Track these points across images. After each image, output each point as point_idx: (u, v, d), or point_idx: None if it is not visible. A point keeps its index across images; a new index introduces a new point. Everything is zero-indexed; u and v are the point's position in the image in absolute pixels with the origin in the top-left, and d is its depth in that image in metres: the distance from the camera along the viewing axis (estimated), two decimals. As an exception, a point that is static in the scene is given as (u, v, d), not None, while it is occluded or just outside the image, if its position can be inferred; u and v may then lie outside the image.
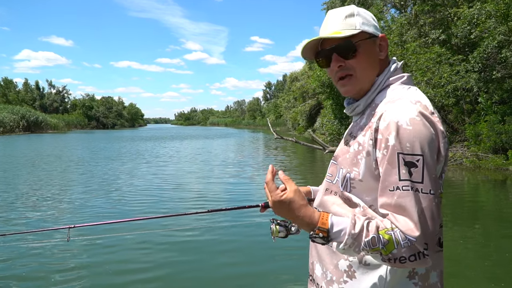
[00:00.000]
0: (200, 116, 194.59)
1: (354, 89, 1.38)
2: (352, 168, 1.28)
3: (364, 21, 1.36)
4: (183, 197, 9.98)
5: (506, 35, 14.14)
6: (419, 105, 1.21)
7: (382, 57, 1.37)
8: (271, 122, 30.25)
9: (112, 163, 17.94)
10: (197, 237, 6.33)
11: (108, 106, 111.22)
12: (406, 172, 1.14)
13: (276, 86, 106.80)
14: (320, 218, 1.22)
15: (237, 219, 6.95)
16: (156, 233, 6.12)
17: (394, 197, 1.14)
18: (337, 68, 1.37)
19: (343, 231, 1.17)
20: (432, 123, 1.18)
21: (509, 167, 12.46)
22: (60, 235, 5.31)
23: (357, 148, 1.28)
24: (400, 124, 1.16)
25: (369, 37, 1.35)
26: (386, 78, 1.35)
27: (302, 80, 50.37)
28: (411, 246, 1.10)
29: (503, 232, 7.10)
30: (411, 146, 1.14)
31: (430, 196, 1.13)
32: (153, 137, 47.77)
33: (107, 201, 9.24)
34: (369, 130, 1.25)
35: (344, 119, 21.11)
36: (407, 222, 1.12)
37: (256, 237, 6.26)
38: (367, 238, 1.13)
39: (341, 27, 1.34)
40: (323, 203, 1.40)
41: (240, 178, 13.44)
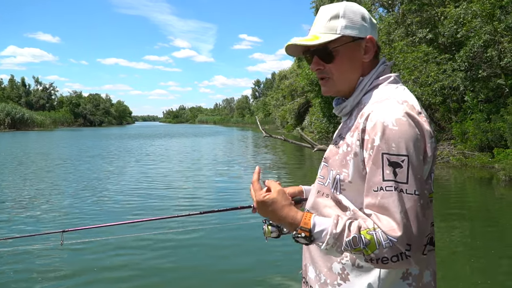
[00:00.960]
0: (188, 114, 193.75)
1: (331, 90, 1.39)
2: (342, 170, 1.28)
3: (348, 24, 1.32)
4: (173, 197, 9.91)
5: (492, 34, 14.32)
6: (405, 105, 1.21)
7: (366, 59, 1.35)
8: (260, 120, 30.23)
9: (101, 162, 17.82)
10: (190, 239, 6.27)
11: (96, 104, 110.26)
12: (391, 172, 1.13)
13: (265, 84, 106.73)
14: (303, 218, 1.22)
15: (229, 219, 6.92)
16: (149, 235, 6.04)
17: (378, 197, 1.14)
18: (316, 70, 1.38)
19: (325, 231, 1.17)
20: (418, 123, 1.18)
21: (495, 165, 12.62)
22: (53, 239, 5.22)
23: (346, 149, 1.28)
24: (386, 125, 1.15)
25: (351, 41, 1.32)
26: (373, 78, 1.34)
27: (291, 78, 50.49)
28: (393, 247, 1.09)
29: (489, 229, 7.21)
30: (397, 146, 1.13)
31: (415, 197, 1.12)
32: (141, 135, 47.48)
33: (97, 202, 9.08)
34: (357, 131, 1.24)
35: (332, 117, 21.20)
36: (389, 222, 1.11)
37: (249, 238, 6.24)
38: (348, 238, 1.13)
39: (322, 30, 1.33)
40: (316, 205, 1.39)
41: (229, 177, 13.43)
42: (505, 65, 14.26)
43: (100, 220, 7.55)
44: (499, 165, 12.08)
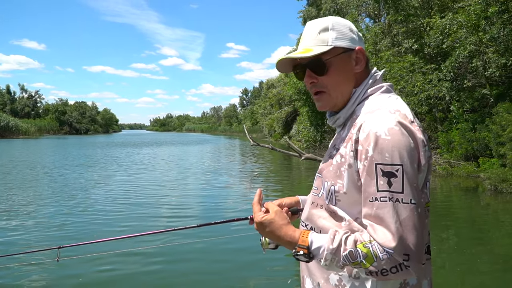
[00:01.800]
0: (176, 122, 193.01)
1: (327, 105, 1.38)
2: (336, 181, 1.27)
3: (338, 36, 1.33)
4: (165, 208, 9.74)
5: (477, 45, 14.52)
6: (398, 114, 1.20)
7: (358, 70, 1.35)
8: (247, 128, 30.22)
9: (87, 171, 17.53)
10: (188, 251, 6.15)
11: (82, 111, 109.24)
12: (385, 182, 1.13)
13: (253, 93, 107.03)
14: (300, 236, 1.24)
15: (225, 232, 6.81)
16: (146, 250, 5.88)
17: (374, 208, 1.14)
18: (310, 84, 1.37)
19: (322, 247, 1.17)
20: (411, 132, 1.17)
21: (481, 174, 12.72)
22: (49, 255, 5.07)
23: (340, 160, 1.27)
24: (379, 135, 1.15)
25: (343, 52, 1.33)
26: (365, 89, 1.35)
27: (279, 87, 50.66)
28: (390, 258, 1.09)
29: (475, 238, 7.22)
30: (390, 156, 1.13)
31: (411, 206, 1.12)
32: (127, 144, 47.05)
33: (88, 215, 8.76)
34: (350, 142, 1.24)
35: (320, 126, 21.26)
36: (385, 233, 1.11)
37: (246, 249, 6.16)
38: (344, 252, 1.14)
39: (313, 43, 1.33)
40: (310, 217, 1.39)
41: (218, 187, 13.30)
42: (489, 75, 14.45)
43: (91, 232, 7.34)
44: (485, 175, 12.18)
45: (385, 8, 21.56)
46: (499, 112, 12.80)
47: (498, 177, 11.02)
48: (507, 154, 11.55)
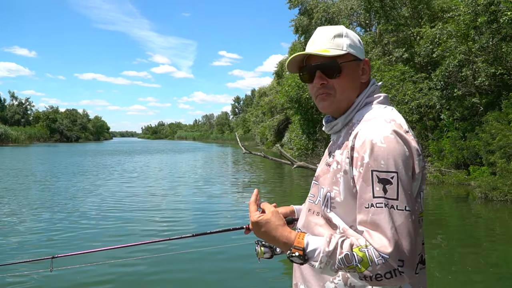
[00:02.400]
0: (167, 130, 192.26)
1: (331, 107, 1.39)
2: (332, 187, 1.29)
3: (351, 43, 1.37)
4: (158, 218, 9.68)
5: (466, 54, 14.70)
6: (393, 123, 1.23)
7: (364, 80, 1.40)
8: (239, 136, 30.19)
9: (80, 180, 17.38)
10: (182, 261, 6.13)
11: (73, 119, 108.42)
12: (380, 189, 1.15)
13: (245, 101, 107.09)
14: (296, 237, 1.24)
15: (220, 241, 6.81)
16: (141, 260, 5.88)
17: (369, 214, 1.15)
18: (319, 85, 1.38)
19: (318, 250, 1.17)
20: (406, 141, 1.20)
21: (471, 182, 12.81)
22: (43, 265, 4.99)
23: (336, 167, 1.30)
24: (375, 142, 1.18)
25: (353, 60, 1.37)
26: (364, 98, 1.38)
27: (271, 95, 50.74)
28: (386, 263, 1.10)
29: (466, 246, 7.25)
30: (385, 163, 1.15)
31: (405, 213, 1.13)
32: (119, 152, 46.73)
33: (81, 226, 8.61)
34: (346, 149, 1.27)
35: (311, 134, 21.31)
36: (381, 238, 1.11)
37: (241, 259, 6.15)
38: (340, 255, 1.14)
39: (328, 46, 1.36)
40: (307, 224, 1.40)
41: (211, 196, 13.22)
42: (479, 84, 14.62)
43: (84, 241, 7.27)
44: (475, 183, 12.27)
45: (376, 17, 21.79)
46: (488, 120, 12.93)
47: (489, 185, 11.10)
48: (497, 162, 11.64)
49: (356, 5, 26.99)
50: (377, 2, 19.41)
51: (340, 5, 29.53)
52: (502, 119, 12.65)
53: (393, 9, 19.70)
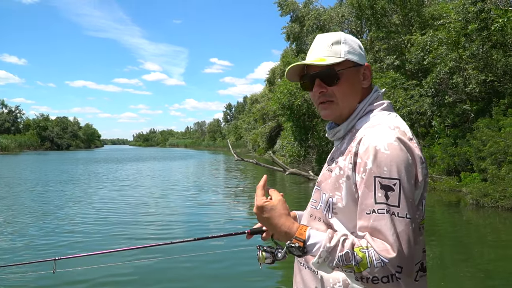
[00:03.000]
0: (159, 137, 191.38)
1: (333, 114, 1.39)
2: (335, 193, 1.29)
3: (350, 50, 1.38)
4: (153, 224, 9.62)
5: (457, 61, 14.80)
6: (397, 130, 1.23)
7: (365, 85, 1.40)
8: (231, 143, 30.14)
9: (71, 188, 17.20)
10: (183, 265, 6.10)
11: (63, 127, 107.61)
12: (383, 195, 1.15)
13: (237, 108, 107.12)
14: (298, 229, 1.24)
15: (225, 246, 6.76)
16: (142, 263, 5.87)
17: (370, 220, 1.15)
18: (319, 93, 1.38)
19: (319, 244, 1.18)
20: (409, 148, 1.20)
21: (462, 189, 12.84)
22: (45, 267, 4.92)
23: (339, 173, 1.30)
24: (378, 149, 1.18)
25: (353, 66, 1.37)
26: (367, 104, 1.38)
27: (262, 102, 50.79)
28: (384, 267, 1.10)
29: (457, 252, 7.23)
30: (388, 170, 1.15)
31: (406, 220, 1.13)
32: (111, 159, 46.44)
33: (76, 229, 8.63)
34: (349, 154, 1.27)
35: (304, 141, 21.27)
36: (383, 243, 1.12)
37: (242, 263, 6.16)
38: (341, 253, 1.14)
39: (326, 54, 1.36)
40: None
41: (205, 203, 13.15)
42: (470, 91, 14.72)
43: (86, 246, 7.26)
44: (466, 189, 12.30)
45: (367, 25, 21.93)
46: (479, 127, 13.00)
47: (480, 192, 11.12)
48: (488, 169, 11.68)
49: (348, 12, 27.14)
50: (368, 9, 19.54)
51: (331, 13, 29.68)
52: (493, 125, 12.73)
53: (384, 17, 19.84)
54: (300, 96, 19.22)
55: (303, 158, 22.79)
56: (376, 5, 19.11)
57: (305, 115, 20.25)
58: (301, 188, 17.25)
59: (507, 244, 7.99)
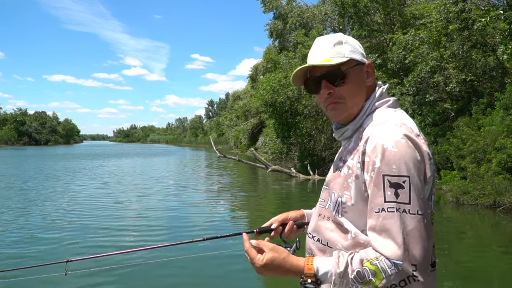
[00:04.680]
0: (140, 133, 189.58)
1: (342, 114, 1.38)
2: (344, 192, 1.29)
3: (352, 49, 1.38)
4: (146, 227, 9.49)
5: (438, 60, 14.97)
6: (404, 127, 1.23)
7: (369, 83, 1.40)
8: (213, 140, 30.00)
9: (52, 186, 16.85)
10: (193, 265, 6.06)
11: (42, 122, 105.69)
12: (392, 193, 1.15)
13: (219, 104, 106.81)
14: (305, 264, 1.22)
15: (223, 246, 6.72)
16: (151, 263, 5.79)
17: (380, 218, 1.15)
18: (327, 95, 1.37)
19: (329, 272, 1.17)
20: (417, 145, 1.19)
21: (442, 187, 13.02)
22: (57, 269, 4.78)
23: (347, 172, 1.29)
24: (386, 147, 1.18)
25: (356, 64, 1.37)
26: (373, 102, 1.38)
27: (245, 99, 50.68)
28: (400, 271, 1.10)
29: (437, 249, 7.29)
30: (397, 167, 1.15)
31: (418, 217, 1.13)
32: (90, 155, 45.76)
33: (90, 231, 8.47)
34: (357, 153, 1.27)
35: (286, 138, 21.26)
36: (391, 245, 1.12)
37: (240, 266, 6.11)
38: (352, 274, 1.14)
39: (330, 55, 1.35)
40: (317, 229, 1.40)
41: (186, 203, 13.02)
42: (450, 90, 14.91)
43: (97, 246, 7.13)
44: (447, 187, 12.47)
45: (349, 23, 21.99)
46: (459, 126, 13.19)
47: (460, 190, 11.29)
48: (467, 167, 11.86)
49: (330, 10, 27.21)
50: (351, 7, 19.60)
51: (314, 10, 29.75)
52: (472, 124, 12.92)
53: (366, 15, 19.95)
54: (283, 93, 19.21)
55: (285, 155, 22.82)
56: (359, 3, 19.18)
57: (288, 112, 20.26)
58: (283, 185, 17.25)
59: (486, 241, 8.13)
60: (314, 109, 19.82)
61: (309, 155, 20.33)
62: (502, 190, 10.18)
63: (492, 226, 9.52)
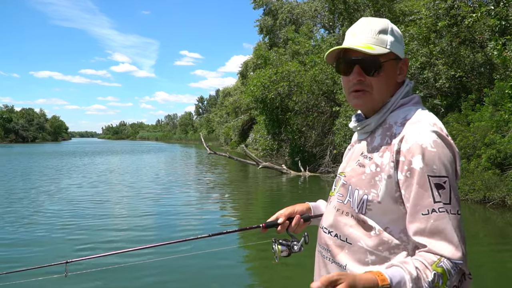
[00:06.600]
0: (129, 130, 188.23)
1: (366, 104, 1.35)
2: (370, 190, 1.26)
3: (395, 41, 1.33)
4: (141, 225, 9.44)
5: (428, 57, 15.05)
6: (436, 127, 1.22)
7: (400, 80, 1.36)
8: (203, 136, 29.88)
9: (42, 185, 16.67)
10: (195, 262, 6.03)
11: (29, 119, 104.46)
12: (438, 194, 1.14)
13: (209, 101, 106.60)
14: (377, 277, 1.09)
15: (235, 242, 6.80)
16: (153, 262, 5.65)
17: (430, 220, 1.13)
18: (356, 81, 1.32)
19: (403, 280, 1.09)
20: (450, 145, 1.20)
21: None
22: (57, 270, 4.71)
23: (375, 170, 1.26)
24: (425, 147, 1.16)
25: (394, 58, 1.33)
26: (399, 98, 1.34)
27: (235, 95, 50.60)
28: (459, 270, 1.11)
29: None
30: (438, 168, 1.15)
31: (458, 217, 1.14)
32: (80, 153, 45.37)
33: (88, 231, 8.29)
34: (388, 152, 1.24)
35: (277, 134, 21.23)
36: (448, 246, 1.11)
37: (258, 259, 6.27)
38: (427, 278, 1.08)
39: (373, 41, 1.30)
40: (336, 224, 1.37)
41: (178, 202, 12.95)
42: (440, 86, 15.00)
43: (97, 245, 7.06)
44: (437, 182, 12.55)
45: (339, 19, 22.06)
46: (449, 122, 13.26)
47: (450, 185, 11.36)
48: (457, 163, 11.94)
49: (320, 6, 27.26)
50: (341, 4, 19.63)
51: (304, 7, 29.76)
52: (462, 120, 13.01)
53: (356, 12, 19.97)
54: (274, 89, 19.17)
55: (276, 152, 22.83)
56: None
57: (278, 109, 20.23)
58: (274, 181, 17.26)
59: (476, 236, 8.18)
60: (304, 105, 19.83)
61: (299, 151, 20.35)
62: (492, 186, 10.27)
63: (482, 221, 9.61)
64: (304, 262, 1.25)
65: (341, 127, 16.36)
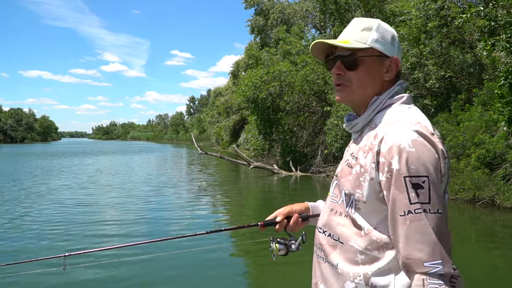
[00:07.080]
0: (120, 130, 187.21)
1: (345, 98, 1.38)
2: (356, 190, 1.28)
3: (379, 38, 1.33)
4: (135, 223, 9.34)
5: (418, 57, 15.15)
6: (419, 126, 1.20)
7: (388, 78, 1.35)
8: (195, 137, 29.80)
9: (36, 185, 16.50)
10: (193, 261, 6.05)
11: (18, 119, 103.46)
12: (416, 195, 1.13)
13: (200, 101, 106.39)
14: None
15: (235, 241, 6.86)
16: (152, 257, 5.79)
17: (407, 221, 1.14)
18: (336, 75, 1.36)
19: None
20: (433, 143, 1.18)
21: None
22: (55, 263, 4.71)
23: (359, 170, 1.27)
24: (403, 147, 1.16)
25: (377, 55, 1.33)
26: (387, 98, 1.34)
27: (226, 95, 50.52)
28: (443, 278, 1.10)
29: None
30: (416, 168, 1.14)
31: (438, 215, 1.13)
32: (70, 153, 45.01)
33: None
34: (371, 153, 1.24)
35: (268, 134, 21.24)
36: (424, 249, 1.11)
37: (256, 257, 6.26)
38: None
39: (354, 38, 1.33)
40: (329, 224, 1.38)
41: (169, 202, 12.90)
42: (430, 87, 15.10)
43: None
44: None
45: (330, 20, 22.09)
46: (439, 122, 13.36)
47: (440, 184, 11.44)
48: (447, 162, 12.03)
49: (312, 7, 27.32)
50: (332, 4, 19.68)
51: (295, 7, 29.81)
52: (452, 120, 13.11)
53: (347, 12, 20.04)
54: (265, 89, 19.18)
55: (268, 152, 22.84)
56: (339, 0, 19.27)
57: (270, 109, 20.24)
58: (265, 181, 17.26)
59: (466, 236, 8.26)
60: (296, 105, 19.86)
61: (291, 151, 20.37)
62: (481, 185, 10.36)
63: (471, 220, 9.70)
64: (302, 261, 1.26)
65: (332, 127, 16.41)
